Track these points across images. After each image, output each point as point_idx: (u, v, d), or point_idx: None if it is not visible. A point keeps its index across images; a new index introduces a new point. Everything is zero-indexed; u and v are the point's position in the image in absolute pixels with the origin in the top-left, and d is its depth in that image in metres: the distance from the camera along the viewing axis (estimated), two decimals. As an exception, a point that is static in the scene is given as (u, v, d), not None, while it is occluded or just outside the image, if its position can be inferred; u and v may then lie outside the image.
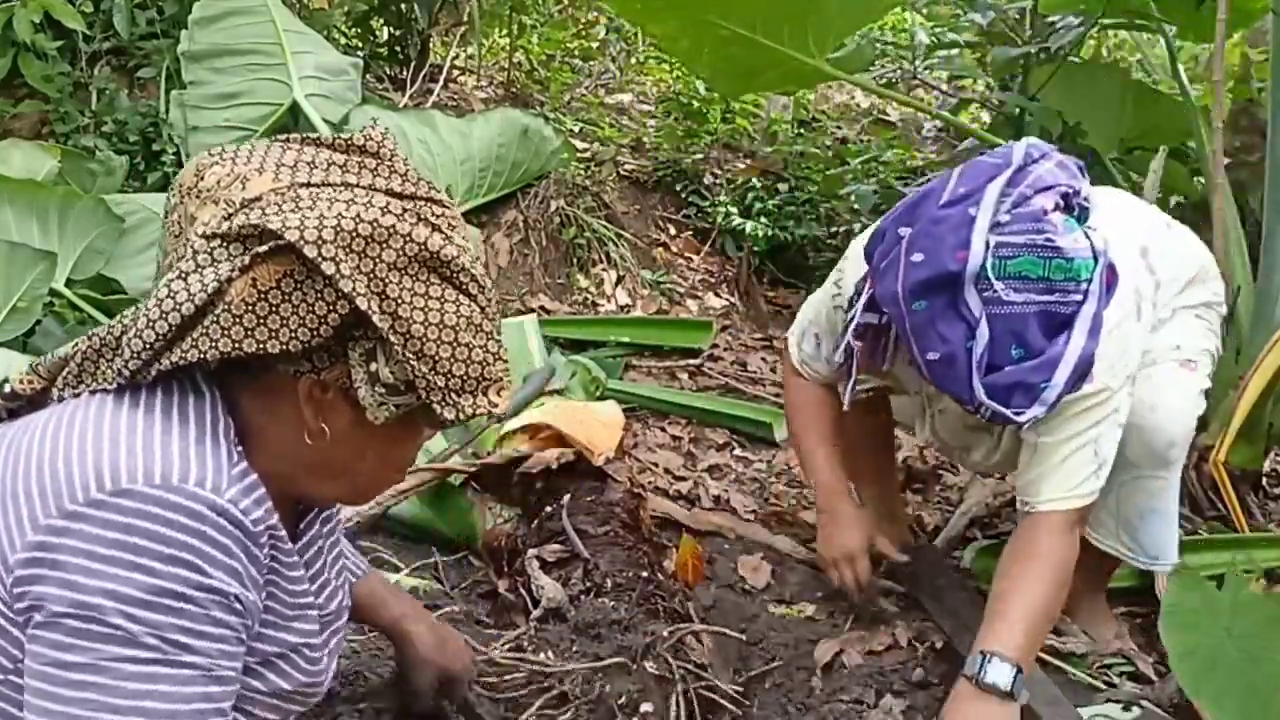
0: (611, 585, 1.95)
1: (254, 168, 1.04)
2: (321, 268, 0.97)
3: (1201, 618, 1.55)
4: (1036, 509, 1.81)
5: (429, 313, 1.02)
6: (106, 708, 0.96)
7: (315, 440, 1.06)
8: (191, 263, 1.00)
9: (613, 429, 2.40)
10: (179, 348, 1.00)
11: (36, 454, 1.01)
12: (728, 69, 3.30)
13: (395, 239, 1.00)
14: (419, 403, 1.05)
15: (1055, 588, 1.79)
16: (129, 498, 0.96)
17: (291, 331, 0.99)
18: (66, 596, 0.95)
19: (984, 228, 1.60)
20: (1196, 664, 1.54)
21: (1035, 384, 1.61)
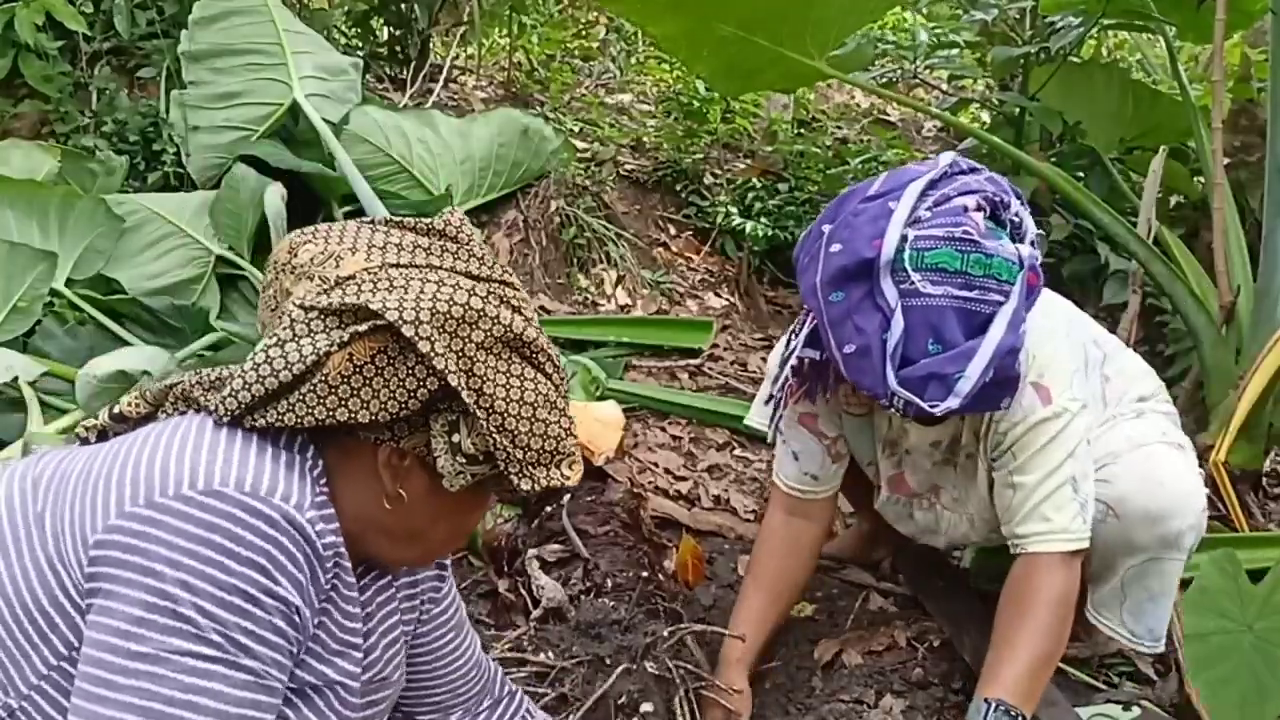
0: (611, 585, 1.95)
1: (347, 247, 1.12)
2: (417, 346, 1.05)
3: (1230, 604, 1.54)
4: (1028, 549, 1.78)
5: (511, 390, 1.10)
6: (160, 699, 0.97)
7: (392, 505, 1.13)
8: (289, 332, 1.07)
9: (613, 429, 2.40)
10: (274, 409, 1.07)
11: (136, 451, 1.06)
12: (727, 68, 3.31)
13: (484, 321, 1.09)
14: (493, 473, 1.12)
15: (1056, 628, 1.75)
16: (218, 499, 1.01)
17: (381, 404, 1.07)
18: (143, 582, 0.98)
19: (901, 220, 1.58)
20: (1208, 648, 1.53)
21: (949, 374, 1.55)
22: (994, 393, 1.63)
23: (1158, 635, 1.99)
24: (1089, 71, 3.88)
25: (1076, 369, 1.82)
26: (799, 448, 1.99)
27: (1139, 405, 2.03)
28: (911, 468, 1.99)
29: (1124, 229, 3.03)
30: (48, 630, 1.03)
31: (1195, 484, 1.91)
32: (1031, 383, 1.77)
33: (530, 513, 2.24)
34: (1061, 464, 1.76)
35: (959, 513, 1.98)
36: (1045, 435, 1.77)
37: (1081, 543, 1.77)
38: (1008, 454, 1.81)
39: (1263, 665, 1.51)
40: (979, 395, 1.59)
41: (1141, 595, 1.95)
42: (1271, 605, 1.53)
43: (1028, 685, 1.70)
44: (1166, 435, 1.97)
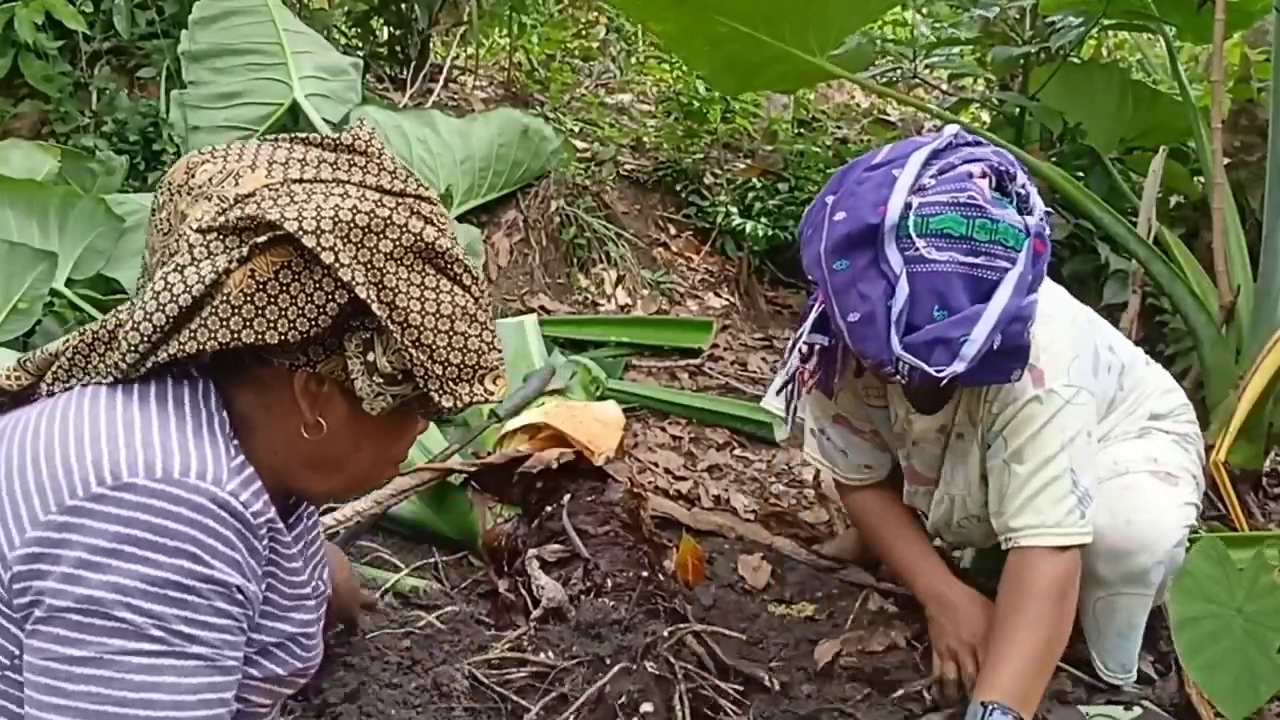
0: (612, 585, 1.95)
1: (246, 164, 1.05)
2: (321, 257, 0.99)
3: (1217, 590, 1.53)
4: (1019, 543, 1.74)
5: (425, 302, 1.04)
6: (112, 701, 0.96)
7: (311, 434, 1.07)
8: (188, 256, 1.01)
9: (613, 429, 2.40)
10: (176, 340, 1.01)
11: (31, 449, 1.01)
12: (728, 67, 3.31)
13: (391, 230, 1.02)
14: (415, 393, 1.06)
15: (1052, 622, 1.71)
16: (130, 491, 0.96)
17: (290, 322, 1.00)
18: (69, 591, 0.95)
19: (905, 187, 1.56)
20: (1199, 632, 1.53)
21: (954, 338, 1.53)
22: (1003, 362, 1.61)
23: (1129, 668, 1.98)
24: (1089, 71, 3.88)
25: (1077, 357, 1.78)
26: (844, 444, 2.03)
27: (1148, 424, 2.00)
28: (919, 457, 1.99)
29: (1124, 229, 3.02)
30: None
31: (1172, 521, 1.85)
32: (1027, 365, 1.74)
33: (530, 513, 2.25)
34: (1057, 454, 1.73)
35: (944, 492, 1.96)
36: (1037, 420, 1.74)
37: (1079, 538, 1.74)
38: (1000, 438, 1.78)
39: (1254, 647, 1.51)
40: (987, 364, 1.56)
41: (1110, 630, 1.94)
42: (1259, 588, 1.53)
43: (1026, 685, 1.68)
44: (1158, 462, 1.92)
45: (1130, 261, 3.19)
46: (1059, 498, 1.73)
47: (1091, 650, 1.98)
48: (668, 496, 2.70)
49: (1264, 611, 1.51)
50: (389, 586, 2.12)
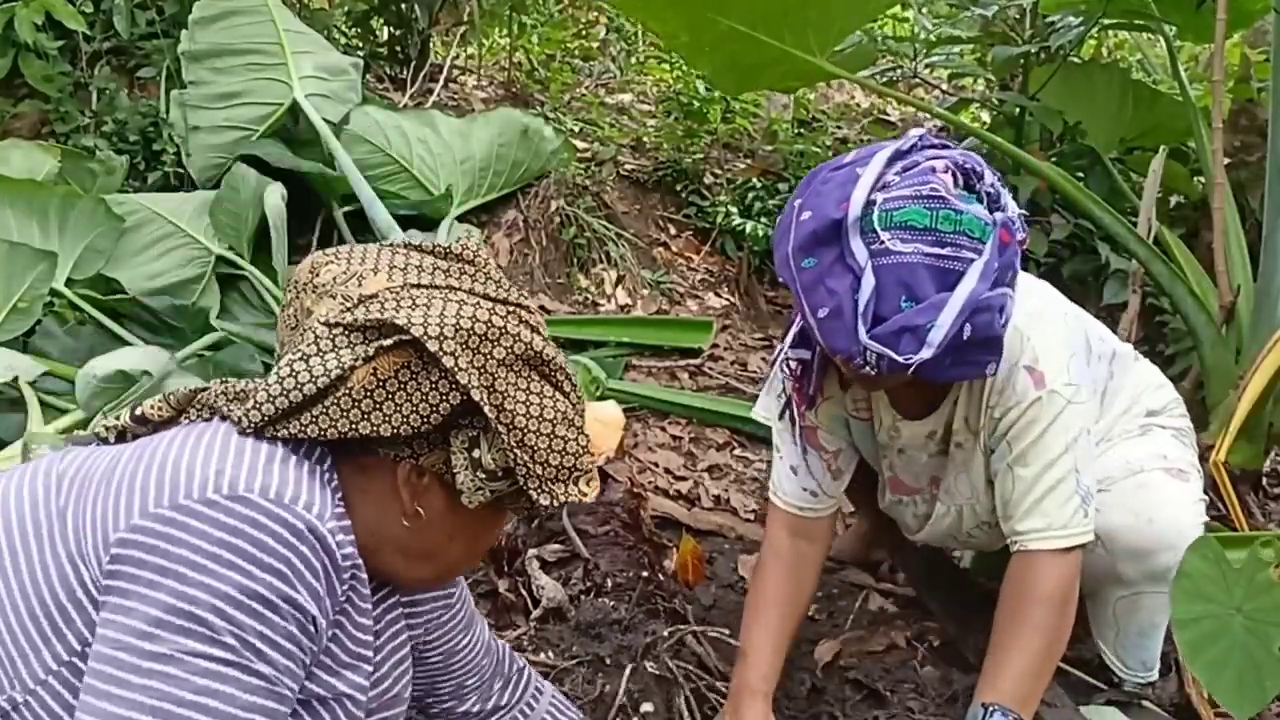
0: (612, 585, 1.95)
1: (369, 267, 1.14)
2: (442, 361, 1.07)
3: (1215, 589, 1.53)
4: (1026, 546, 1.74)
5: (531, 406, 1.12)
6: (170, 699, 0.97)
7: (410, 522, 1.14)
8: (314, 347, 1.09)
9: (613, 429, 2.40)
10: (297, 421, 1.09)
11: (161, 453, 1.07)
12: (729, 66, 3.30)
13: (505, 338, 1.11)
14: (511, 489, 1.14)
15: (1055, 626, 1.71)
16: (242, 504, 1.02)
17: (404, 418, 1.08)
18: (163, 583, 0.99)
19: (868, 183, 1.56)
20: (1200, 632, 1.52)
21: (921, 325, 1.51)
22: (976, 355, 1.59)
23: (1150, 666, 1.98)
24: (1089, 71, 3.88)
25: (1074, 353, 1.77)
26: (796, 463, 1.96)
27: (1147, 421, 2.00)
28: (906, 466, 1.97)
29: (1124, 229, 3.02)
30: (62, 626, 1.03)
31: (1190, 517, 1.85)
32: (1025, 366, 1.74)
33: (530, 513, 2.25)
34: (1061, 455, 1.72)
35: (948, 504, 1.95)
36: (1041, 421, 1.73)
37: (1082, 537, 1.73)
38: (1004, 443, 1.77)
39: (1256, 644, 1.50)
40: (960, 356, 1.56)
41: (1132, 629, 1.94)
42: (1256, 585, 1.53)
43: (1026, 687, 1.67)
44: (1168, 459, 1.92)
45: (1130, 261, 3.19)
46: (1064, 499, 1.73)
47: (1108, 650, 1.98)
48: (668, 496, 2.70)
49: (1263, 609, 1.51)
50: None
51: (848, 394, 1.93)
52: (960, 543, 2.04)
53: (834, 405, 1.94)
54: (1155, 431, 1.99)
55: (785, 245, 1.60)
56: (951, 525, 1.97)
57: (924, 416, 1.88)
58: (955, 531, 1.98)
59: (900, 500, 2.03)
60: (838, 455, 1.97)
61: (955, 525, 1.97)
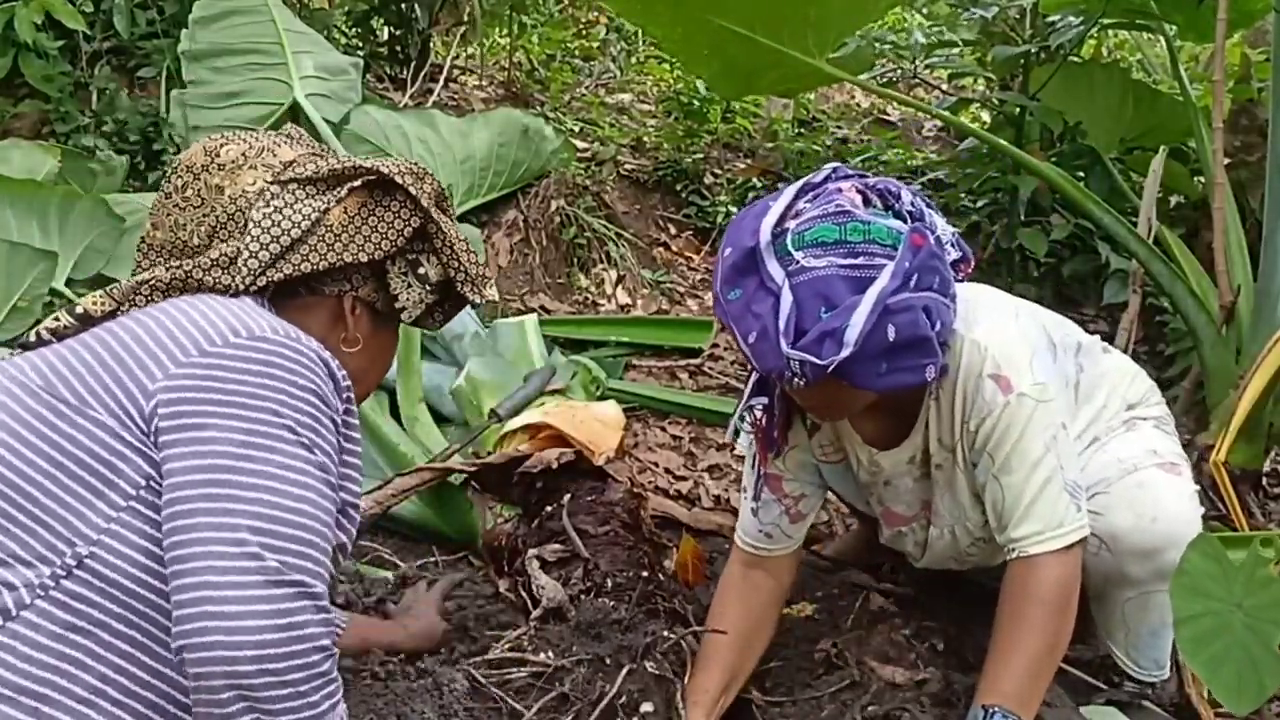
0: (612, 585, 1.95)
1: (268, 144, 1.38)
2: (410, 190, 1.34)
3: (1215, 586, 1.54)
4: (1026, 551, 1.74)
5: (454, 229, 1.41)
6: (280, 507, 1.10)
7: (349, 347, 1.36)
8: (280, 200, 1.31)
9: (613, 429, 2.40)
10: (288, 263, 1.29)
11: (156, 324, 1.19)
12: (728, 71, 3.30)
13: (429, 178, 1.39)
14: (434, 300, 1.42)
15: (1055, 627, 1.72)
16: (265, 342, 1.18)
17: (375, 245, 1.34)
18: (232, 413, 1.12)
19: (778, 211, 1.63)
20: (1200, 629, 1.53)
21: (837, 328, 1.55)
22: (909, 358, 1.62)
23: (1162, 664, 1.98)
24: (1089, 71, 3.87)
25: (1034, 352, 1.78)
26: (757, 505, 1.98)
27: (1128, 415, 2.00)
28: (895, 496, 1.98)
29: (1124, 229, 3.02)
30: (113, 477, 1.12)
31: (1190, 511, 1.85)
32: (990, 375, 1.75)
33: (530, 513, 2.25)
34: (1043, 456, 1.73)
35: (942, 527, 1.95)
36: (1016, 426, 1.73)
37: (1079, 533, 1.74)
38: (984, 455, 1.78)
39: (1255, 641, 1.51)
40: (894, 362, 1.60)
41: (1142, 629, 1.94)
42: (1256, 582, 1.53)
43: (1027, 689, 1.68)
44: (1158, 453, 1.92)
45: (1130, 261, 3.19)
46: (1054, 498, 1.73)
47: (1120, 651, 1.98)
48: (668, 496, 2.70)
49: (1262, 606, 1.52)
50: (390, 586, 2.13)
51: (814, 439, 1.98)
52: (960, 564, 2.04)
53: (801, 453, 1.98)
54: (1139, 425, 1.99)
55: (715, 284, 1.68)
56: (948, 547, 1.98)
57: (897, 444, 1.89)
58: (954, 553, 1.99)
59: (899, 532, 2.05)
60: (799, 500, 1.99)
61: (952, 547, 1.98)
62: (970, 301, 1.80)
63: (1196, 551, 1.56)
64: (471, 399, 2.61)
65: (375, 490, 2.24)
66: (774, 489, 1.97)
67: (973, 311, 1.77)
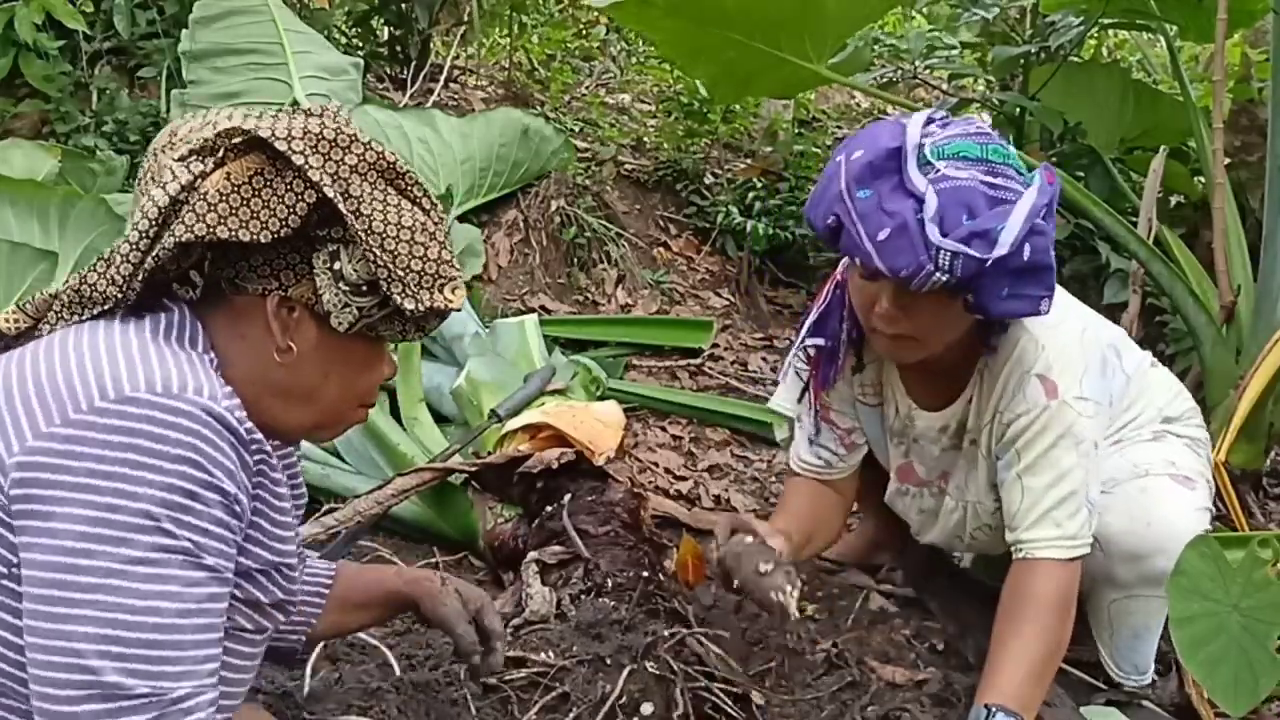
0: (612, 585, 1.95)
1: (223, 116, 1.15)
2: (292, 160, 1.08)
3: (1212, 587, 1.54)
4: (1032, 554, 1.76)
5: (387, 212, 1.13)
6: (122, 609, 0.98)
7: (283, 358, 1.15)
8: (169, 175, 1.09)
9: (613, 429, 2.40)
10: (161, 243, 1.08)
11: (32, 371, 1.06)
12: (726, 75, 3.30)
13: (356, 146, 1.13)
14: (380, 310, 1.15)
15: (1056, 630, 1.73)
16: (133, 404, 1.01)
17: (262, 222, 1.09)
18: (81, 499, 0.98)
19: (919, 122, 1.64)
20: (1197, 630, 1.53)
21: (991, 228, 1.56)
22: (1031, 286, 1.63)
23: (1143, 670, 1.98)
24: (1089, 71, 3.87)
25: (1088, 368, 1.79)
26: (814, 435, 2.03)
27: (1161, 427, 1.99)
28: (919, 456, 2.00)
29: (1124, 229, 3.02)
30: None
31: (1188, 523, 1.84)
32: (1038, 374, 1.76)
33: (530, 513, 2.25)
34: (1072, 469, 1.74)
35: (958, 500, 1.97)
36: (1051, 432, 1.75)
37: (1084, 549, 1.76)
38: (1012, 451, 1.79)
39: (1251, 642, 1.51)
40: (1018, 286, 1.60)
41: (1125, 632, 1.94)
42: (1253, 583, 1.53)
43: (1028, 689, 1.68)
44: (1176, 465, 1.92)
45: (1130, 261, 3.19)
46: (1074, 511, 1.75)
47: (1103, 651, 1.99)
48: (668, 496, 2.70)
49: (1259, 607, 1.52)
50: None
51: (856, 378, 2.00)
52: (964, 544, 2.05)
53: (844, 387, 2.01)
54: (1168, 439, 1.99)
55: (836, 185, 1.65)
56: (957, 524, 1.99)
57: (940, 409, 1.90)
58: (960, 531, 2.00)
59: (906, 491, 2.06)
60: (851, 432, 2.04)
61: (960, 524, 1.99)
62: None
63: (1194, 552, 1.57)
64: (471, 399, 2.61)
65: (375, 490, 2.24)
66: (826, 420, 2.03)
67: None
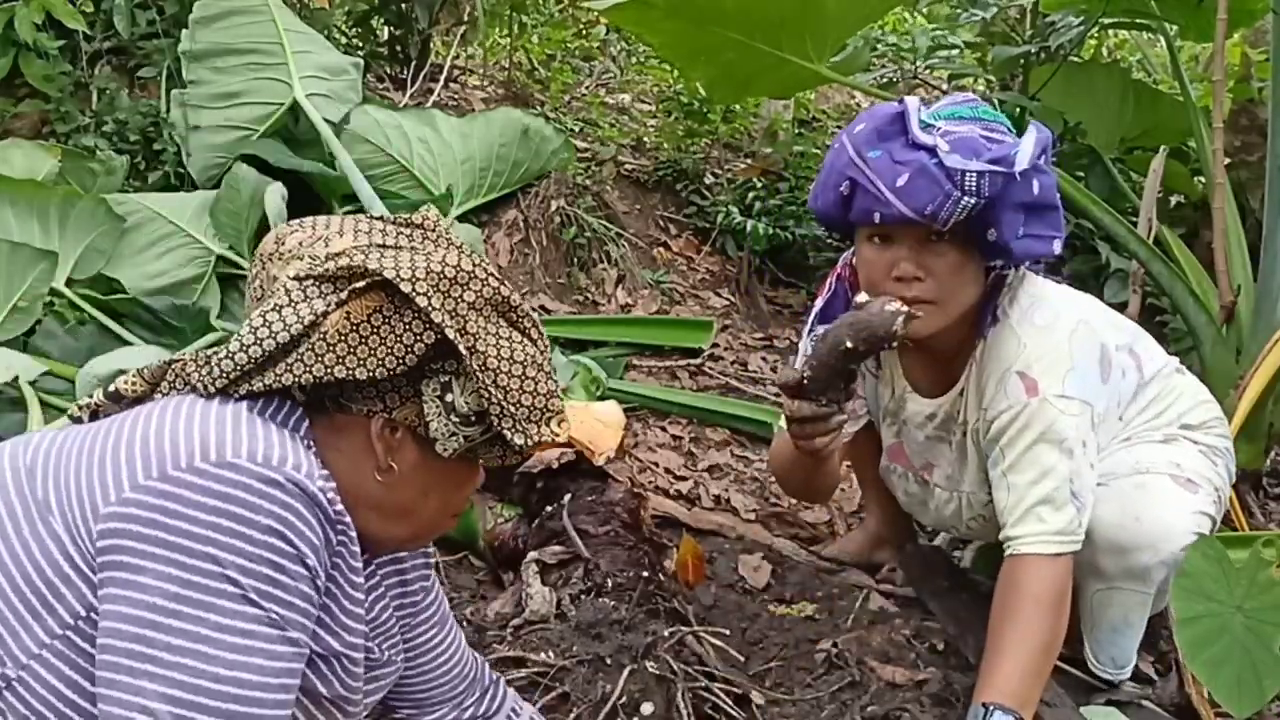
0: (612, 585, 1.95)
1: (335, 231, 1.16)
2: (415, 301, 1.08)
3: (1216, 588, 1.54)
4: (1019, 549, 1.76)
5: (501, 348, 1.14)
6: (207, 675, 0.99)
7: (384, 478, 1.15)
8: (285, 298, 1.10)
9: (613, 429, 2.40)
10: (272, 371, 1.09)
11: (142, 427, 1.07)
12: (725, 76, 3.30)
13: (475, 283, 1.13)
14: (483, 436, 1.15)
15: (1049, 626, 1.73)
16: (232, 470, 1.02)
17: (379, 360, 1.10)
18: (172, 558, 0.99)
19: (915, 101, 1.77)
20: (1200, 631, 1.53)
21: (1006, 154, 1.67)
22: (1044, 225, 1.74)
23: (1121, 664, 1.98)
24: (1089, 71, 3.87)
25: (1074, 367, 1.79)
26: None
27: (1175, 431, 1.98)
28: (907, 439, 2.02)
29: (1124, 229, 3.03)
30: (53, 601, 1.03)
31: (1181, 523, 1.84)
32: (1018, 371, 1.77)
33: (531, 513, 2.25)
34: (1055, 466, 1.75)
35: (951, 491, 1.99)
36: (1032, 430, 1.76)
37: (1073, 545, 1.76)
38: (996, 449, 1.81)
39: (1255, 643, 1.51)
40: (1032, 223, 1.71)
41: (1104, 623, 1.95)
42: (1257, 585, 1.54)
43: (1026, 686, 1.69)
44: (1180, 467, 1.91)
45: (1130, 261, 3.20)
46: (1060, 506, 1.75)
47: (1086, 642, 1.99)
48: (668, 496, 2.70)
49: (1263, 608, 1.52)
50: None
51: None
52: (962, 533, 2.07)
53: None
54: (1180, 442, 1.97)
55: (845, 154, 1.76)
56: (954, 514, 2.03)
57: (933, 396, 1.91)
58: (956, 521, 2.04)
59: (894, 469, 2.10)
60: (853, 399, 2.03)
61: (956, 514, 2.02)
62: (1037, 298, 1.83)
63: (1198, 553, 1.57)
64: (472, 399, 2.61)
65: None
66: None
67: (1033, 308, 1.81)
